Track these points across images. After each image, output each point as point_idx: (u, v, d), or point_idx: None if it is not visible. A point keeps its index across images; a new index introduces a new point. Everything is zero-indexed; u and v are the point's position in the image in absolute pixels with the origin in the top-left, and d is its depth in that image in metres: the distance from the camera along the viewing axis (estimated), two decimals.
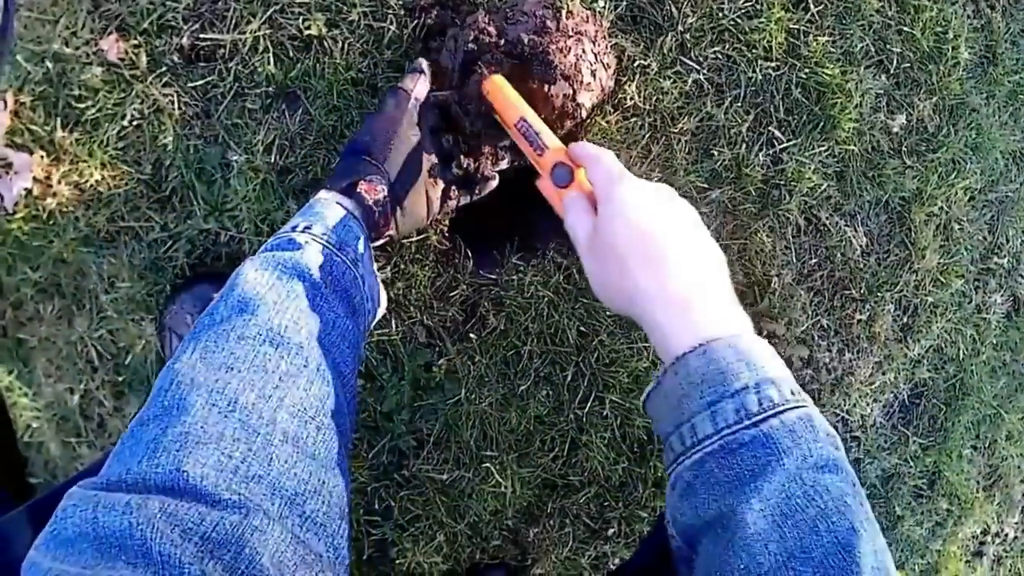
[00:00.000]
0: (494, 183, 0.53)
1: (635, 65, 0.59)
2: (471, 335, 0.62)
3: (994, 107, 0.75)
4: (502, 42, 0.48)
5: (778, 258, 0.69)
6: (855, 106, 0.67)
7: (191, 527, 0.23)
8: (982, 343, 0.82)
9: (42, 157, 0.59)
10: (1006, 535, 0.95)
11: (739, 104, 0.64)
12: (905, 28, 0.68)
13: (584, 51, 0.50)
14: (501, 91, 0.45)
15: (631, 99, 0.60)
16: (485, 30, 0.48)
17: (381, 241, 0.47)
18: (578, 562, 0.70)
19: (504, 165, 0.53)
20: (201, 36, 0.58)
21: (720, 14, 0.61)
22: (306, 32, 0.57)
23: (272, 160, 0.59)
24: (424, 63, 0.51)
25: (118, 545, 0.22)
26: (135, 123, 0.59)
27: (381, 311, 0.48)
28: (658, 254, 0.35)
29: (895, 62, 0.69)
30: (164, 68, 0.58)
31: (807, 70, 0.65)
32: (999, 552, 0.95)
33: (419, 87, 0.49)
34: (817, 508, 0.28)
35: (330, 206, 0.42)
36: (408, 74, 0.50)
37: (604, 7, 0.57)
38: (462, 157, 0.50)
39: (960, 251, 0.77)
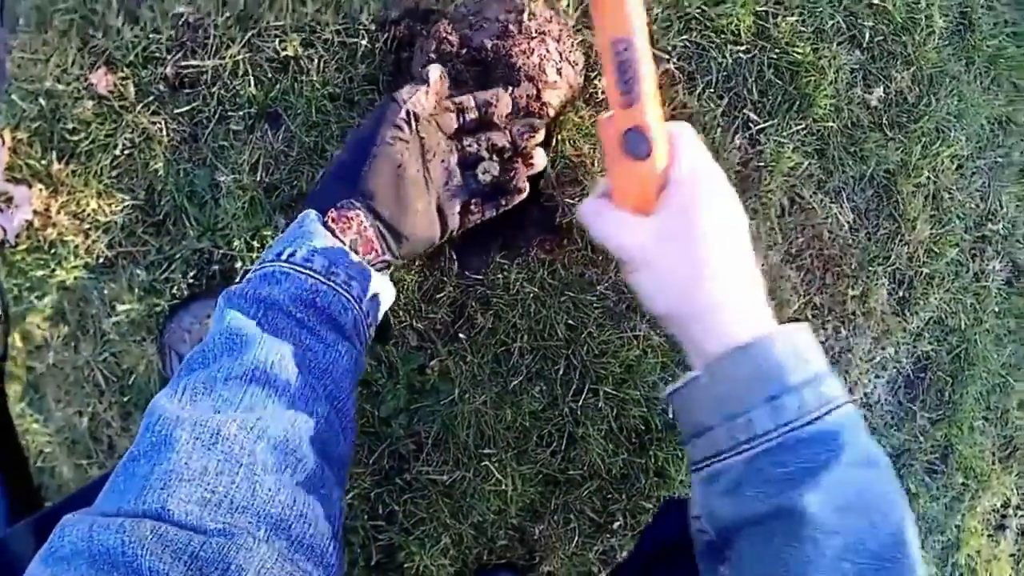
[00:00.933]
0: (524, 194, 0.47)
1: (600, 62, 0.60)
2: (461, 335, 0.62)
3: (974, 73, 0.75)
4: (464, 51, 0.49)
5: (763, 240, 0.69)
6: (830, 83, 0.67)
7: (180, 547, 0.24)
8: (984, 312, 0.81)
9: (41, 190, 0.62)
10: None
11: (712, 90, 0.64)
12: (876, 1, 0.69)
13: (548, 51, 0.52)
14: None
15: (603, 93, 0.60)
16: (446, 39, 0.49)
17: (377, 266, 0.41)
18: (586, 557, 0.70)
19: (540, 164, 0.48)
20: (184, 64, 0.60)
21: (686, 3, 0.62)
22: (283, 53, 0.59)
23: (258, 178, 0.61)
24: (436, 71, 0.44)
25: (111, 562, 0.24)
26: (127, 152, 0.61)
27: (388, 303, 0.43)
28: (738, 240, 0.34)
29: (868, 36, 0.69)
30: (151, 97, 0.60)
31: (778, 51, 0.65)
32: (1023, 524, 0.93)
33: (418, 98, 0.42)
34: (867, 503, 0.29)
35: (316, 225, 0.39)
36: (409, 83, 0.44)
37: (568, 5, 0.59)
38: (489, 162, 0.45)
39: (952, 220, 0.76)
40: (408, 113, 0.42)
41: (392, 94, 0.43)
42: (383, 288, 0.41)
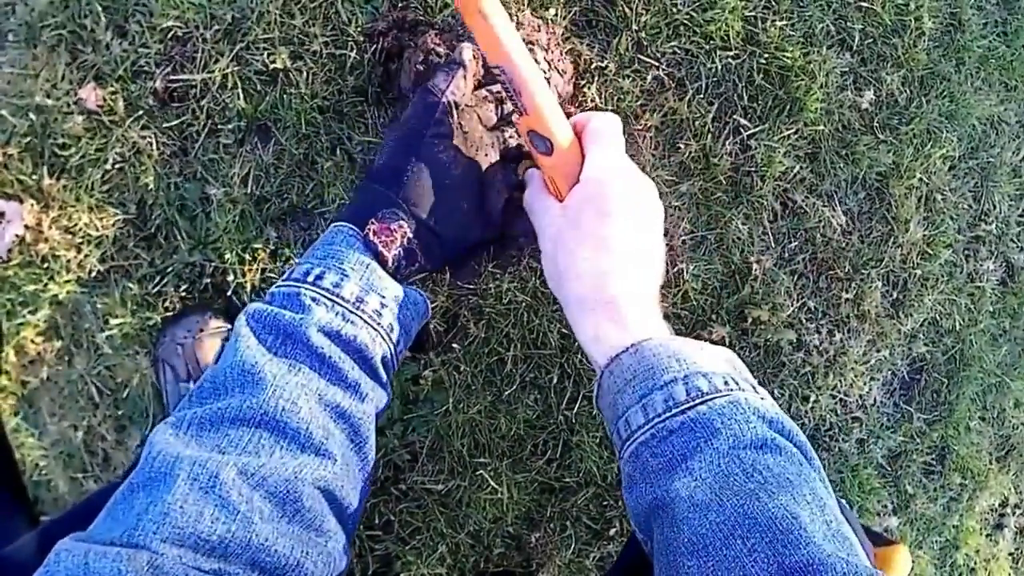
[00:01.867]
0: None
1: (593, 67, 0.60)
2: (454, 345, 0.62)
3: (965, 73, 0.75)
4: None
5: (756, 244, 0.69)
6: (820, 86, 0.67)
7: None
8: (979, 312, 0.81)
9: (32, 205, 0.62)
10: None
11: (701, 96, 0.64)
12: (865, 4, 0.69)
13: (536, 61, 0.52)
14: (485, 17, 0.33)
15: (592, 101, 0.60)
16: (434, 50, 0.49)
17: (417, 276, 0.38)
18: (583, 564, 0.70)
19: None
20: (173, 78, 0.60)
21: (674, 9, 0.62)
22: (272, 66, 0.59)
23: (249, 191, 0.61)
24: (468, 50, 0.40)
25: None
26: (117, 166, 0.61)
27: (422, 318, 0.39)
28: (639, 240, 0.35)
29: (857, 39, 0.69)
30: (141, 112, 0.60)
31: (767, 55, 0.65)
32: (1021, 523, 0.93)
33: (455, 84, 0.38)
34: (757, 482, 0.28)
35: (353, 244, 0.35)
36: (441, 71, 0.39)
37: (556, 14, 0.59)
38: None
39: (945, 221, 0.76)
40: (448, 104, 0.38)
41: (427, 86, 0.39)
42: (417, 307, 0.37)
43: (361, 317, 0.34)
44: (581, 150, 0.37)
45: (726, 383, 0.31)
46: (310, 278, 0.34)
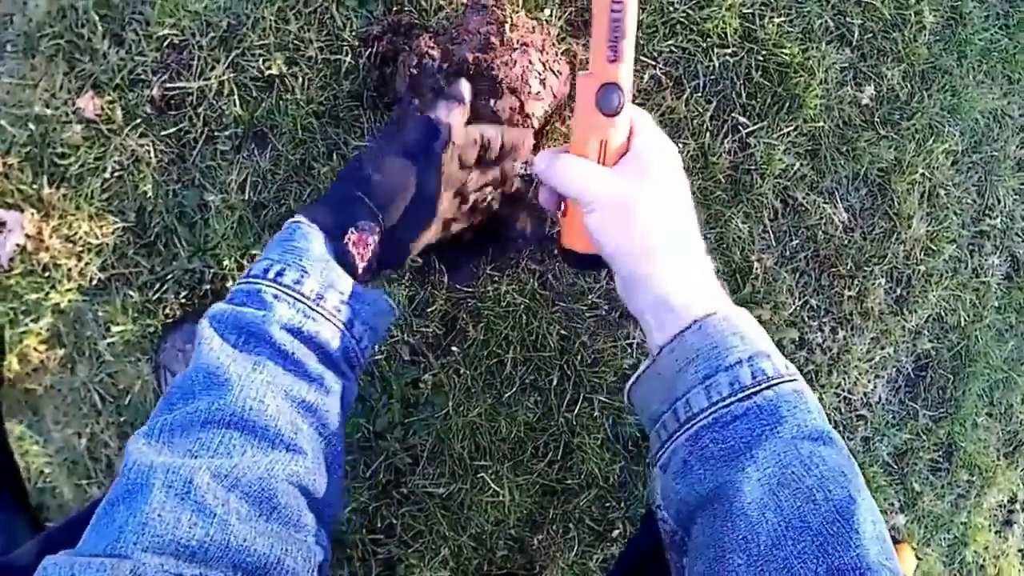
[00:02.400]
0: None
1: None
2: (453, 348, 0.62)
3: (967, 67, 0.74)
4: (446, 64, 0.49)
5: (757, 243, 0.68)
6: (820, 82, 0.66)
7: None
8: (984, 307, 0.80)
9: (33, 214, 0.62)
10: None
11: (699, 94, 0.64)
12: None
13: (531, 62, 0.51)
14: None
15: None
16: (428, 53, 0.49)
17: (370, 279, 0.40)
18: (587, 566, 0.70)
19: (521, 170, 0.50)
20: (170, 86, 0.60)
21: (671, 8, 0.62)
22: (267, 72, 0.59)
23: (247, 197, 0.61)
24: (467, 88, 0.44)
25: None
26: (116, 174, 0.62)
27: (387, 317, 0.39)
28: (687, 219, 0.34)
29: (857, 34, 0.68)
30: (138, 120, 0.61)
31: (765, 52, 0.64)
32: None
33: (455, 121, 0.42)
34: (814, 478, 0.27)
35: (310, 240, 0.36)
36: (443, 102, 0.43)
37: (551, 15, 0.58)
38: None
39: (949, 216, 0.76)
40: (448, 143, 0.41)
41: (431, 117, 0.42)
42: (377, 303, 0.38)
43: (322, 313, 0.34)
44: None
45: (787, 367, 0.31)
46: (270, 274, 0.34)
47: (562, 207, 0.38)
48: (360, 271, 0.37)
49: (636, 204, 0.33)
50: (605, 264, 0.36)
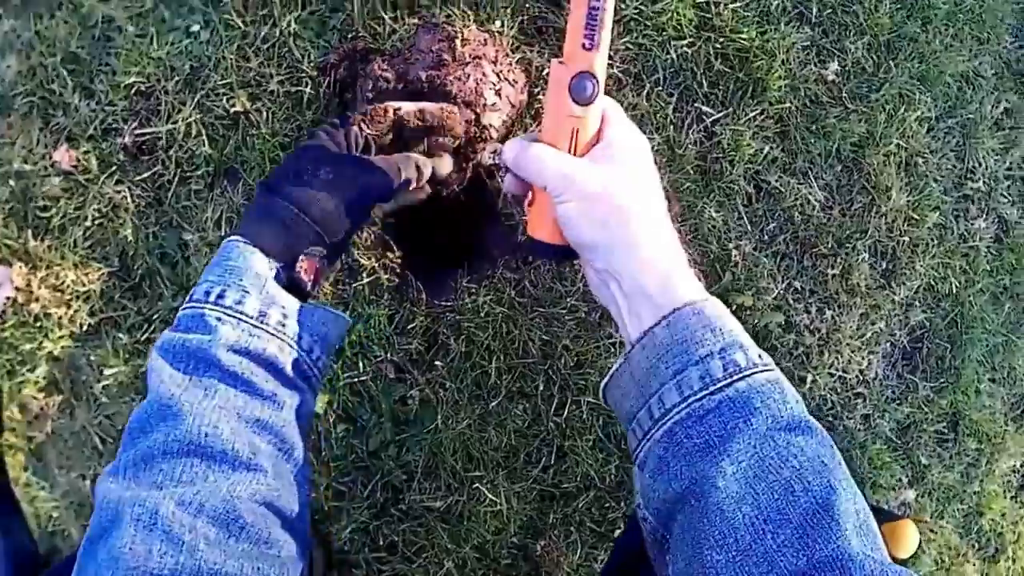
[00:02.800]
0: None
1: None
2: (437, 363, 0.63)
3: (933, 32, 0.73)
4: (401, 85, 0.50)
5: (733, 230, 0.68)
6: (782, 64, 0.66)
7: None
8: (975, 272, 0.78)
9: (21, 267, 0.64)
10: None
11: (660, 88, 0.64)
12: None
13: (485, 74, 0.52)
14: None
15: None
16: (382, 76, 0.50)
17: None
18: (592, 568, 0.70)
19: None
20: (140, 132, 0.62)
21: (623, 5, 0.62)
22: (232, 110, 0.60)
23: (224, 233, 0.62)
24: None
25: None
26: (97, 222, 0.63)
27: (339, 327, 0.40)
28: (659, 207, 0.33)
29: (816, 10, 0.68)
30: (113, 167, 0.62)
31: (723, 39, 0.64)
32: None
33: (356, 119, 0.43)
34: (792, 469, 0.27)
35: (248, 259, 0.36)
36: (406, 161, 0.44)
37: (503, 25, 0.59)
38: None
39: (929, 184, 0.75)
40: (352, 124, 0.42)
41: (331, 121, 0.42)
42: (321, 313, 0.38)
43: (266, 330, 0.34)
44: None
45: (760, 357, 0.30)
46: (212, 297, 0.34)
47: (529, 196, 0.37)
48: (312, 293, 0.38)
49: (609, 195, 0.33)
50: (574, 254, 0.35)
